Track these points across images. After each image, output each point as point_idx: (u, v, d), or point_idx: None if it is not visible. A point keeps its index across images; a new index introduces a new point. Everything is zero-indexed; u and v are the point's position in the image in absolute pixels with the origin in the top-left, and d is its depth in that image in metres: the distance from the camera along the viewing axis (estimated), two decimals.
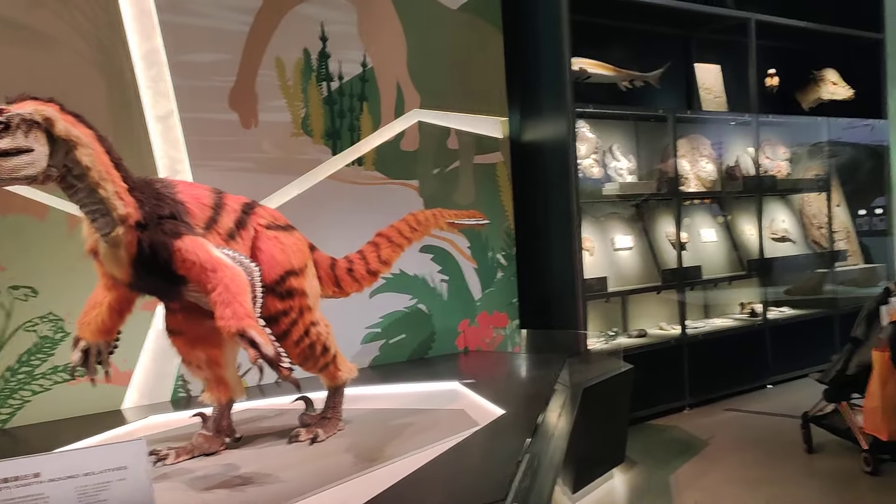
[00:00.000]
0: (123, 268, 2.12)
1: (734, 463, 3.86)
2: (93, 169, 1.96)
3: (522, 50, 4.69)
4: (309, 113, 3.89)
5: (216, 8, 3.61)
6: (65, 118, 1.93)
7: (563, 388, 3.22)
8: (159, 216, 2.12)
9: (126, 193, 2.05)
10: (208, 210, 2.30)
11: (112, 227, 2.04)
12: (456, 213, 3.19)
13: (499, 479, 1.84)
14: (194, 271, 2.12)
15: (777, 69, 6.04)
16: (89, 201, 2.00)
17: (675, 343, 4.92)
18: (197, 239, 2.17)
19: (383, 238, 2.93)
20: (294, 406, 2.89)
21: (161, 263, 2.12)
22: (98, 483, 1.44)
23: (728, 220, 5.76)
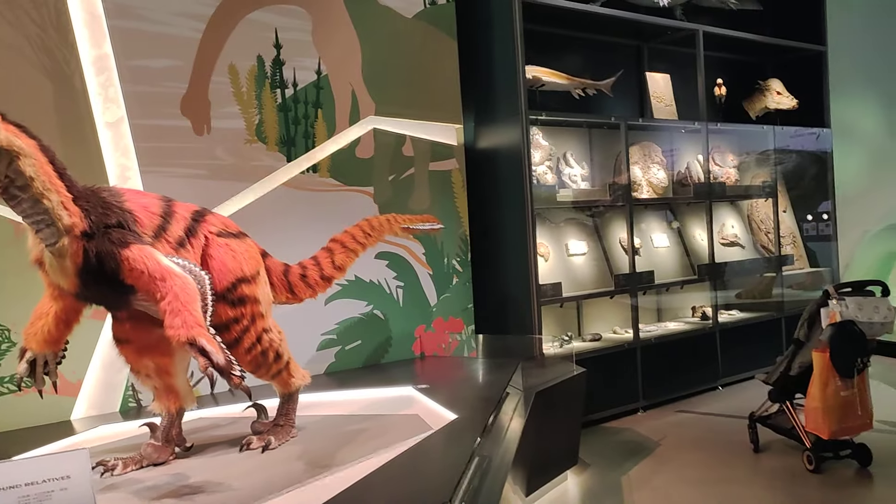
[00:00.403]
0: (70, 278, 2.11)
1: (684, 463, 3.95)
2: (36, 179, 1.95)
3: (477, 58, 4.75)
4: (263, 120, 3.88)
5: (167, 14, 3.59)
6: (7, 128, 1.91)
7: (516, 391, 3.27)
8: (106, 225, 2.10)
9: (71, 203, 2.04)
10: (157, 218, 2.29)
11: (57, 237, 2.03)
12: (410, 218, 3.23)
13: (446, 482, 1.86)
14: (143, 280, 2.11)
15: (725, 79, 6.21)
16: (33, 212, 1.99)
17: (629, 347, 5.02)
18: (145, 248, 2.16)
19: (337, 244, 2.95)
20: (247, 414, 2.89)
21: (108, 273, 2.10)
22: (40, 493, 1.43)
23: (678, 227, 5.89)
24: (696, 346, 5.43)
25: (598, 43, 5.63)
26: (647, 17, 5.35)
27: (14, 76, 3.19)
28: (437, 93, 4.57)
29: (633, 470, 3.87)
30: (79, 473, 1.48)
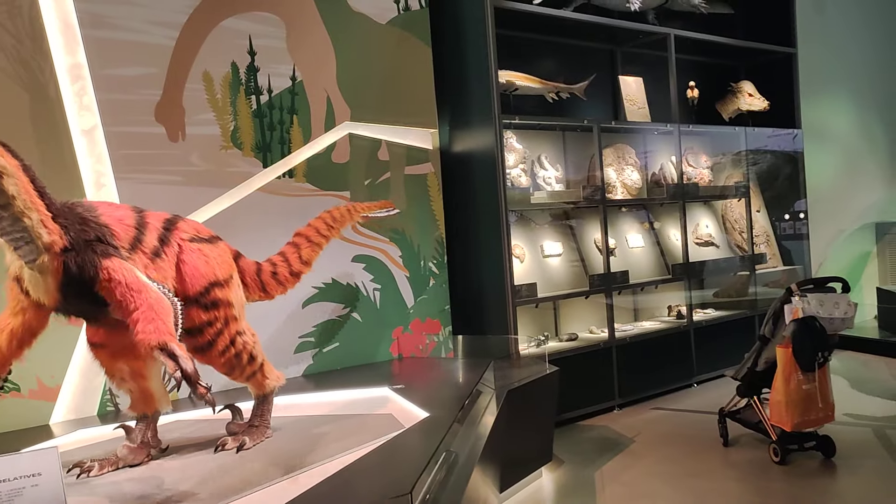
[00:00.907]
0: (51, 293, 2.15)
1: (656, 458, 4.04)
2: (17, 198, 1.99)
3: (451, 63, 4.83)
4: (238, 126, 3.93)
5: (141, 22, 3.63)
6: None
7: (489, 389, 3.34)
8: (85, 241, 2.15)
9: (50, 221, 2.09)
10: (132, 230, 2.35)
11: (37, 254, 2.08)
12: (368, 205, 3.34)
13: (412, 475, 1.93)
14: (119, 290, 2.15)
15: (698, 82, 6.33)
16: (13, 230, 2.03)
17: (605, 346, 5.10)
18: (124, 262, 2.22)
19: (302, 238, 3.02)
20: (222, 416, 2.93)
21: (88, 285, 2.15)
22: (11, 489, 1.48)
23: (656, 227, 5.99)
24: (671, 344, 5.52)
25: (571, 47, 5.72)
26: (619, 22, 5.45)
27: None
28: (411, 98, 4.64)
29: (606, 466, 3.95)
30: (49, 471, 1.53)
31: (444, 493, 2.08)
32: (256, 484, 2.18)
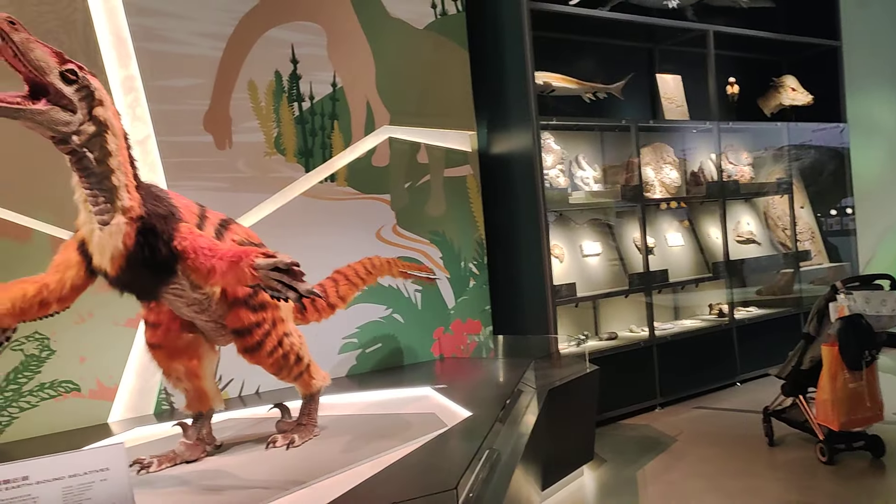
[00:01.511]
0: (116, 259, 2.16)
1: (700, 457, 4.02)
2: (113, 157, 2.11)
3: (488, 66, 4.88)
4: (281, 132, 4.04)
5: (190, 35, 3.76)
6: (112, 108, 2.12)
7: (530, 389, 3.38)
8: (158, 214, 2.25)
9: (133, 189, 2.19)
10: (195, 218, 2.45)
11: (111, 215, 2.15)
12: (408, 265, 3.59)
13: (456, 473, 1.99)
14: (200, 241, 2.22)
15: (738, 77, 6.27)
16: (98, 187, 2.12)
17: (645, 345, 5.09)
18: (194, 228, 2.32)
19: (341, 276, 3.18)
20: (271, 414, 3.04)
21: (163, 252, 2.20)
22: (82, 484, 1.58)
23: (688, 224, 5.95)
24: (713, 342, 5.49)
25: (608, 47, 5.72)
26: (657, 20, 5.43)
27: None
28: (449, 101, 4.70)
29: (648, 465, 3.96)
30: (116, 466, 1.63)
31: (487, 491, 2.13)
32: (306, 480, 2.26)
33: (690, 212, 6.03)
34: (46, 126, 1.99)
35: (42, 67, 1.93)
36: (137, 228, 2.18)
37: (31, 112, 1.93)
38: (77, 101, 2.02)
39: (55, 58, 1.98)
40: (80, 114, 2.04)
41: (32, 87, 1.96)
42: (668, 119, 5.66)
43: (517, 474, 2.45)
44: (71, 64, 2.02)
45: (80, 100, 2.03)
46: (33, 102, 1.94)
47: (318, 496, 2.10)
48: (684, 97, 5.81)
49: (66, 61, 2.01)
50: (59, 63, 1.99)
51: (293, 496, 2.14)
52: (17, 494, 1.53)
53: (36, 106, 1.94)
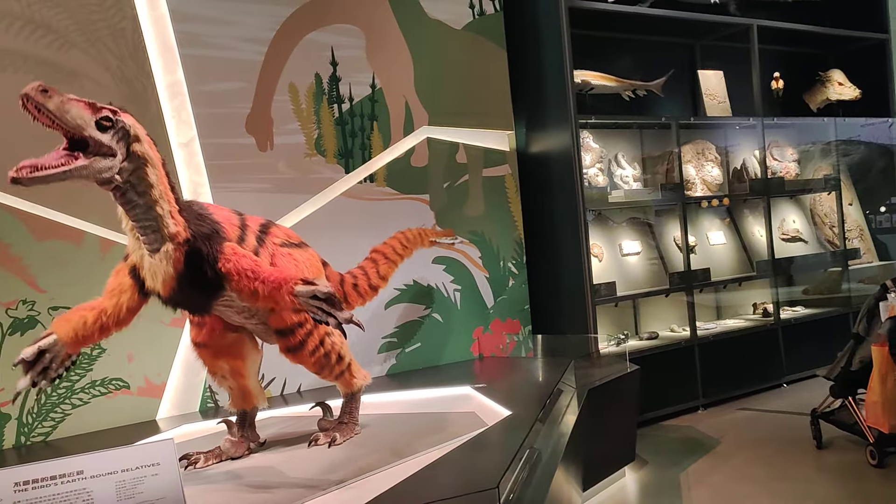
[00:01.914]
0: (167, 282, 2.25)
1: (745, 460, 3.96)
2: (155, 188, 2.16)
3: (526, 65, 4.87)
4: (322, 134, 4.09)
5: (233, 40, 3.84)
6: (147, 140, 2.16)
7: (570, 388, 3.37)
8: (203, 234, 2.30)
9: (177, 214, 2.24)
10: (237, 230, 2.50)
11: (161, 242, 2.21)
12: (437, 232, 3.64)
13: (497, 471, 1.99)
14: (245, 261, 2.27)
15: (783, 72, 6.15)
16: (144, 217, 2.18)
17: (686, 344, 5.03)
18: (238, 247, 2.37)
19: (380, 255, 3.20)
20: (313, 413, 3.08)
21: (209, 274, 2.27)
22: (135, 478, 1.63)
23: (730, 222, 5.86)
24: (757, 343, 5.39)
25: (648, 43, 5.66)
26: (698, 15, 5.36)
27: None
28: (488, 101, 4.71)
29: (691, 467, 3.91)
30: (167, 461, 1.68)
31: (528, 491, 2.13)
32: (347, 478, 2.28)
33: (733, 210, 5.93)
34: (91, 177, 2.03)
35: (79, 125, 1.95)
36: (185, 252, 2.24)
37: (77, 170, 1.96)
38: (115, 145, 2.05)
39: (89, 110, 2.00)
40: (120, 154, 2.07)
41: (71, 141, 1.99)
42: (709, 116, 5.58)
43: (558, 474, 2.44)
44: (104, 111, 2.03)
45: (117, 142, 2.06)
46: (75, 159, 1.97)
47: (360, 494, 2.13)
48: (726, 93, 5.71)
49: (99, 109, 2.02)
50: (93, 113, 2.01)
51: (335, 494, 2.17)
52: (73, 488, 1.58)
53: (79, 163, 1.96)
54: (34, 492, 1.56)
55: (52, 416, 3.33)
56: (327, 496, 2.14)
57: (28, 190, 3.28)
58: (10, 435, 3.25)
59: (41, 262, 3.32)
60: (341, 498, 2.12)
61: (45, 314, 3.31)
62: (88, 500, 1.57)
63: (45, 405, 3.32)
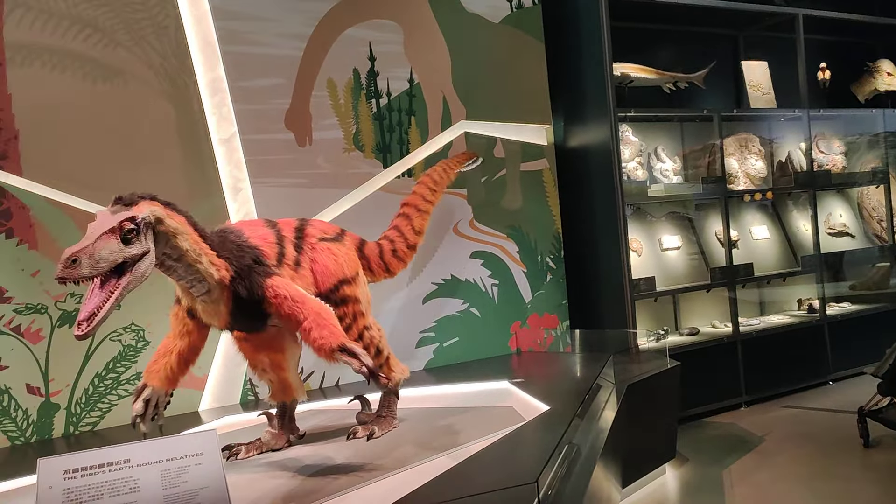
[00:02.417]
0: (222, 318, 2.37)
1: (789, 458, 3.88)
2: (189, 251, 2.20)
3: (565, 58, 4.83)
4: (360, 129, 4.11)
5: (272, 36, 3.88)
6: (167, 213, 2.15)
7: (608, 384, 3.34)
8: (245, 266, 2.35)
9: (216, 258, 2.29)
10: (275, 246, 2.53)
11: (208, 289, 2.30)
12: (457, 160, 3.50)
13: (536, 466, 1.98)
14: (286, 305, 2.33)
15: (829, 62, 5.99)
16: (187, 275, 2.25)
17: (728, 341, 4.95)
18: (283, 278, 2.41)
19: (411, 208, 3.16)
20: (351, 406, 3.10)
21: (255, 305, 2.35)
22: (179, 467, 1.66)
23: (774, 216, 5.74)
24: (802, 339, 5.28)
25: (690, 34, 5.57)
26: (742, 5, 5.25)
27: (143, 104, 3.55)
28: (526, 94, 4.68)
29: (733, 465, 3.84)
30: (210, 451, 1.71)
31: (567, 486, 2.12)
32: (385, 471, 2.30)
33: (777, 203, 5.81)
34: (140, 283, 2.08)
35: (113, 260, 1.98)
36: (231, 291, 2.32)
37: (125, 290, 2.01)
38: (144, 244, 2.06)
39: (114, 237, 1.99)
40: (151, 244, 2.09)
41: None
42: (753, 108, 5.47)
43: (597, 470, 2.42)
44: (125, 224, 2.00)
45: (144, 239, 2.07)
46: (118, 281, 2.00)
47: (398, 487, 2.14)
48: (771, 84, 5.59)
49: (120, 227, 2.00)
50: (118, 236, 2.00)
51: (373, 486, 2.18)
52: (120, 476, 1.62)
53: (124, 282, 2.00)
54: (83, 479, 1.60)
55: (99, 407, 3.42)
56: (365, 488, 2.16)
57: (76, 186, 3.38)
58: (59, 424, 3.34)
59: None
60: (379, 491, 2.14)
61: None
62: (135, 487, 1.61)
63: (92, 396, 3.40)
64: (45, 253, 3.33)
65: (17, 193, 3.29)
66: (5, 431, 3.24)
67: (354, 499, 2.08)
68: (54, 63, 3.37)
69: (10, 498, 2.46)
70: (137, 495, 1.60)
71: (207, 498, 1.62)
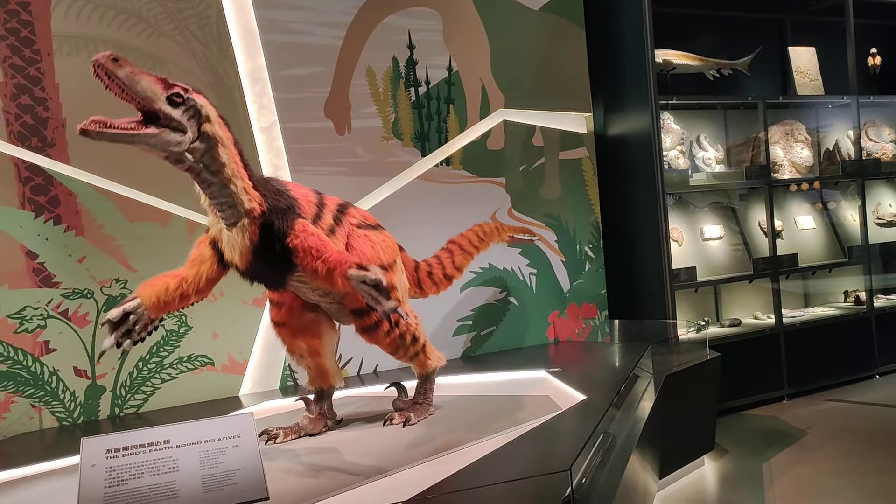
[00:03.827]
0: (244, 255, 2.34)
1: (833, 452, 3.80)
2: (227, 166, 2.24)
3: (605, 45, 4.76)
4: (398, 117, 4.12)
5: (312, 25, 3.90)
6: (218, 120, 2.23)
7: (646, 374, 3.31)
8: (279, 208, 2.37)
9: (251, 189, 2.32)
10: (314, 207, 2.56)
11: (238, 217, 2.30)
12: (514, 228, 3.68)
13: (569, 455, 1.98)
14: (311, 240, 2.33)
15: (880, 47, 5.80)
16: (220, 194, 2.26)
17: (771, 332, 4.85)
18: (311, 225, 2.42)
19: (456, 246, 3.21)
20: (388, 393, 3.13)
21: (280, 245, 2.34)
22: (216, 449, 1.70)
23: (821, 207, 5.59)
24: (848, 332, 5.15)
25: (734, 20, 5.44)
26: None
27: None
28: (565, 82, 4.63)
29: (774, 458, 3.78)
30: (246, 433, 1.74)
31: (602, 475, 2.11)
32: (421, 457, 2.31)
33: (824, 193, 5.66)
34: (160, 148, 2.10)
35: (149, 97, 2.03)
36: (260, 225, 2.31)
37: (145, 136, 2.04)
38: (185, 122, 2.11)
39: (160, 85, 2.06)
40: (190, 132, 2.13)
41: (144, 115, 2.07)
42: (800, 95, 5.33)
43: (633, 460, 2.40)
44: (176, 87, 2.10)
45: (188, 119, 2.12)
46: (145, 127, 2.05)
47: (433, 473, 2.15)
48: (818, 70, 5.44)
49: (171, 86, 2.09)
50: (164, 89, 2.07)
51: (408, 472, 2.19)
52: (160, 456, 1.66)
53: (148, 130, 2.05)
54: (124, 458, 1.65)
55: (143, 390, 3.50)
56: (401, 474, 2.17)
57: (121, 173, 3.46)
58: (105, 406, 3.43)
59: (132, 243, 3.49)
60: (414, 476, 2.15)
61: (135, 292, 3.47)
62: (174, 467, 1.65)
63: (136, 379, 3.49)
64: (91, 239, 3.42)
65: (65, 181, 3.38)
66: (54, 412, 3.34)
67: (388, 484, 2.09)
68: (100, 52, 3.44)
69: (58, 475, 2.54)
70: (176, 475, 1.64)
71: (244, 479, 1.65)
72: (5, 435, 3.23)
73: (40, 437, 3.22)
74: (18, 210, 3.31)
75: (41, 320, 3.32)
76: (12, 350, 3.27)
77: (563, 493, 1.73)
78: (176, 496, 1.60)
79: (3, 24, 3.29)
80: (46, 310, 3.33)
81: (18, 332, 3.28)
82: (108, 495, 1.59)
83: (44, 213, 3.35)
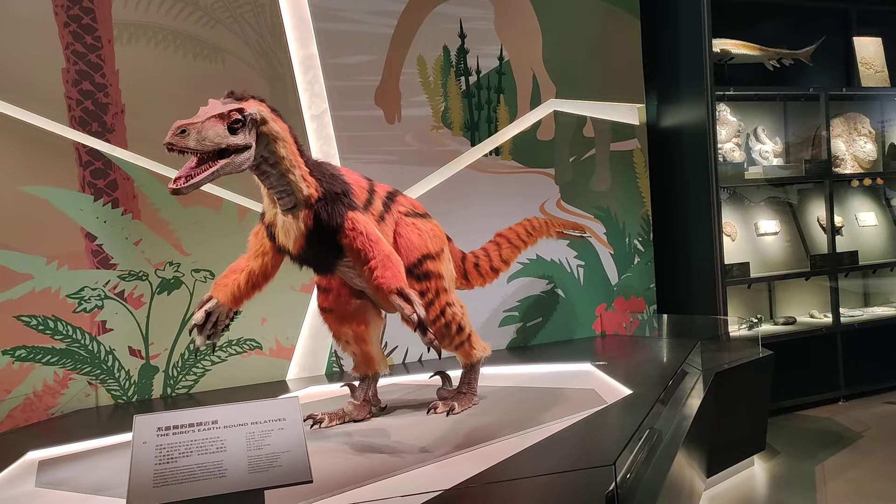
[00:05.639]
0: (297, 239, 2.39)
1: (889, 456, 3.68)
2: (286, 158, 2.28)
3: (660, 34, 4.66)
4: (448, 106, 4.11)
5: (364, 13, 3.91)
6: (272, 116, 2.25)
7: (695, 371, 3.24)
8: (334, 193, 2.40)
9: (308, 176, 2.36)
10: (365, 193, 2.58)
11: (295, 203, 2.35)
12: (565, 223, 3.53)
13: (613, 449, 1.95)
14: (360, 239, 2.37)
15: None
16: (278, 184, 2.32)
17: (828, 332, 4.71)
18: (364, 215, 2.45)
19: (503, 239, 3.19)
20: (433, 382, 3.14)
21: (330, 233, 2.38)
22: (262, 431, 1.72)
23: (885, 203, 5.39)
24: None
25: (797, 8, 5.26)
26: None
27: (239, 80, 3.65)
28: (618, 73, 4.55)
29: (827, 460, 3.67)
30: (292, 417, 1.76)
31: (647, 471, 2.08)
32: (464, 447, 2.31)
33: (889, 189, 5.45)
34: (234, 171, 2.14)
35: (218, 143, 2.06)
36: (315, 210, 2.35)
37: (221, 169, 2.08)
38: (247, 138, 2.14)
39: (221, 123, 2.08)
40: (253, 141, 2.16)
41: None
42: (864, 87, 5.14)
43: (679, 457, 2.36)
44: (233, 114, 2.10)
45: (248, 134, 2.15)
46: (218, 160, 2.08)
47: (475, 462, 2.15)
48: (885, 62, 5.23)
49: (228, 116, 2.09)
50: (224, 123, 2.08)
51: (451, 461, 2.20)
52: (208, 436, 1.69)
53: (223, 162, 2.08)
54: (174, 437, 1.69)
55: (194, 371, 3.59)
56: (443, 462, 2.18)
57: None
58: (157, 386, 3.53)
59: (186, 227, 3.56)
60: (457, 465, 2.15)
61: (188, 276, 3.56)
62: (221, 447, 1.68)
63: (188, 361, 3.57)
64: (146, 222, 3.50)
65: (123, 165, 3.47)
66: (109, 390, 3.45)
67: (432, 472, 2.10)
68: (158, 40, 3.52)
69: (112, 451, 2.62)
70: (223, 455, 1.67)
71: (288, 461, 1.67)
72: (63, 411, 3.35)
73: (95, 413, 3.32)
74: (79, 193, 3.41)
75: (98, 301, 3.42)
76: (71, 329, 3.38)
77: (606, 487, 1.71)
78: (223, 475, 1.63)
79: (66, 11, 3.38)
80: (104, 290, 3.43)
81: (77, 311, 3.39)
82: (158, 472, 1.62)
83: (102, 196, 3.44)
